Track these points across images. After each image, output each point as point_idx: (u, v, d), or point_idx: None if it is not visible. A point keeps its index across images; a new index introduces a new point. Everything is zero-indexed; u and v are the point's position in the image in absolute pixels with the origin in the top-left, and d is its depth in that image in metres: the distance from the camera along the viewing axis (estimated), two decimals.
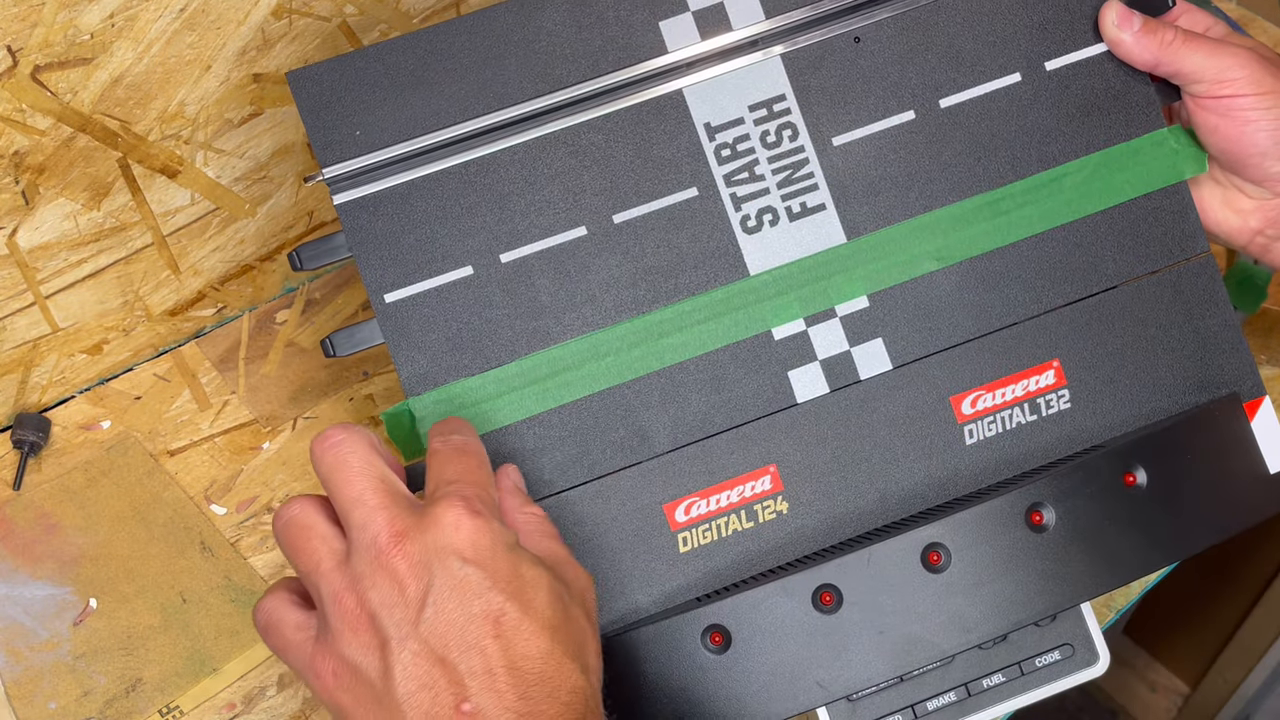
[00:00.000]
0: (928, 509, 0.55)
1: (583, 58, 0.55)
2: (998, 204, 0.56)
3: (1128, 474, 0.53)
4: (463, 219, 0.54)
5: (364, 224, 0.54)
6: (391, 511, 0.43)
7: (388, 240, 0.54)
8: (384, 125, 0.54)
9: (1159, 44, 0.55)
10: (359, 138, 0.54)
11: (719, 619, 0.51)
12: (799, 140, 0.55)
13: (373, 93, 0.54)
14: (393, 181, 0.54)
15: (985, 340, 0.56)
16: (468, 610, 0.41)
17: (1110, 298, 0.56)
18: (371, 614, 0.41)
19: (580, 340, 0.54)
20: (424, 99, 0.54)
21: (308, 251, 0.54)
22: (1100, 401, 0.56)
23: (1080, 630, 0.56)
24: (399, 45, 0.54)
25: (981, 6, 0.57)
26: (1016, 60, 0.57)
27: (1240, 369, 0.57)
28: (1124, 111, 0.57)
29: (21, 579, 0.62)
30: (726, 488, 0.54)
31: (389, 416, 0.53)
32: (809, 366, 0.55)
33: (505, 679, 0.41)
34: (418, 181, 0.54)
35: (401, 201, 0.54)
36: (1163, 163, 0.57)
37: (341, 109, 0.54)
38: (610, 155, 0.55)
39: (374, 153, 0.54)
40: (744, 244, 0.55)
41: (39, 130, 0.59)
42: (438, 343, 0.53)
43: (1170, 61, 0.55)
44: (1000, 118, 0.56)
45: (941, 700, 0.55)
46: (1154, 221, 0.57)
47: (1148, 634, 1.43)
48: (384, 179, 0.54)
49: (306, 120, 0.54)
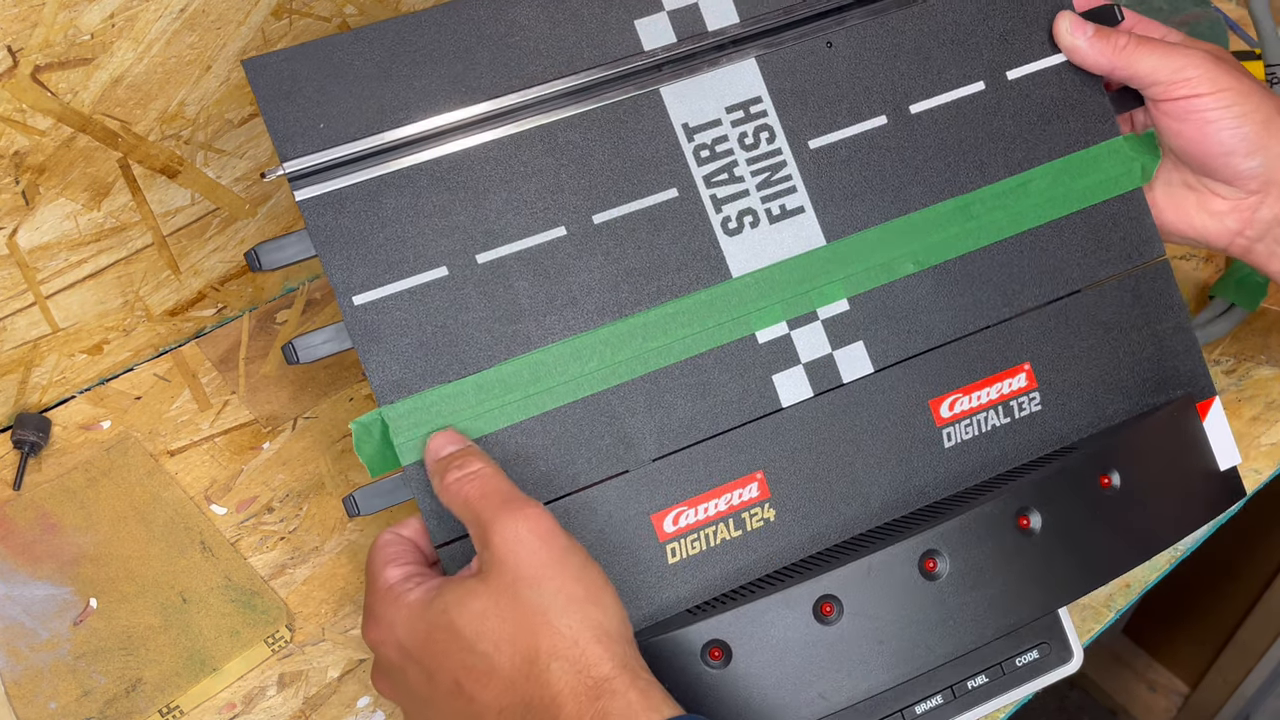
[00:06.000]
0: (911, 513, 0.54)
1: (557, 54, 0.53)
2: (968, 208, 0.56)
3: (1103, 476, 0.54)
4: (436, 217, 0.51)
5: (329, 222, 0.50)
6: None
7: (356, 239, 0.50)
8: (350, 118, 0.51)
9: (1113, 48, 0.56)
10: (323, 130, 0.50)
11: (719, 634, 0.49)
12: (776, 143, 0.55)
13: (338, 84, 0.51)
14: (360, 177, 0.51)
15: (961, 343, 0.56)
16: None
17: (1075, 301, 0.57)
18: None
19: (562, 344, 0.52)
20: (392, 91, 0.51)
21: (268, 250, 0.50)
22: (1068, 403, 0.57)
23: (1055, 629, 0.57)
24: (366, 35, 0.51)
25: (946, 16, 0.57)
26: (980, 69, 0.58)
27: (1193, 370, 0.59)
28: (1081, 120, 0.58)
29: (21, 579, 0.61)
30: (714, 495, 0.52)
31: (358, 426, 0.50)
32: (793, 370, 0.54)
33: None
34: (387, 177, 0.51)
35: (370, 198, 0.51)
36: (1119, 169, 0.58)
37: (304, 100, 0.50)
38: (589, 154, 0.53)
39: (339, 146, 0.50)
40: (725, 246, 0.54)
41: (39, 130, 0.58)
42: (411, 348, 0.50)
43: (1125, 65, 0.56)
44: (967, 124, 0.57)
45: (929, 704, 0.54)
46: (1113, 227, 0.58)
47: (1148, 634, 1.44)
48: (350, 174, 0.50)
49: (265, 111, 0.50)
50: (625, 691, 0.42)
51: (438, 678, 0.45)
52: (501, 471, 0.47)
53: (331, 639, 0.61)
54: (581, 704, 0.42)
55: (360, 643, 0.60)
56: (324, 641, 0.61)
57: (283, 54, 0.50)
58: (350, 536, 0.65)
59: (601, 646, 0.43)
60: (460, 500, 0.47)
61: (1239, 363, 0.73)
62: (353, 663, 0.60)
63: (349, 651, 0.60)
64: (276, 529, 0.65)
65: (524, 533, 0.44)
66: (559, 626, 0.43)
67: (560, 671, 0.42)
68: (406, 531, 0.50)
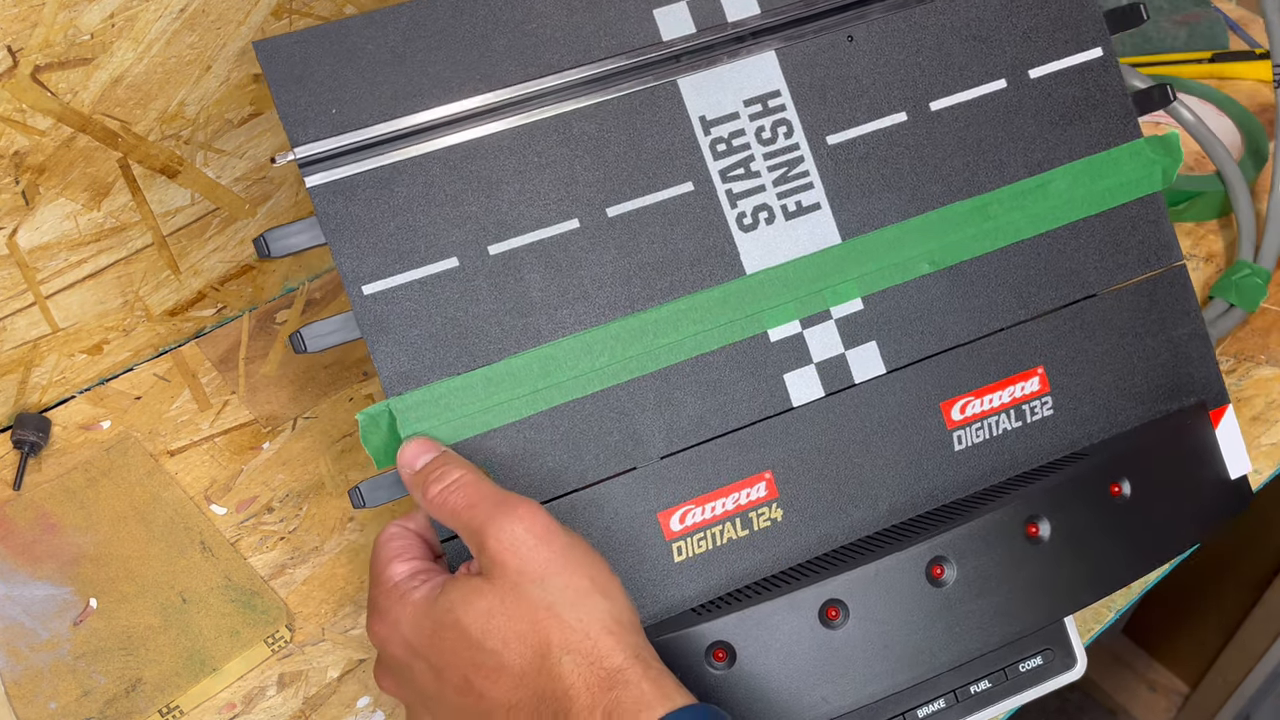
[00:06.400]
0: (918, 517, 0.54)
1: (574, 42, 0.52)
2: (986, 208, 0.56)
3: (1113, 484, 0.54)
4: (448, 207, 0.50)
5: (339, 209, 0.49)
6: None
7: (366, 227, 0.50)
8: (362, 104, 0.50)
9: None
10: (334, 116, 0.50)
11: (723, 636, 0.48)
12: (794, 138, 0.54)
13: (351, 69, 0.50)
14: (371, 164, 0.50)
15: (974, 345, 0.55)
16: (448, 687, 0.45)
17: (1091, 305, 0.57)
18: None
19: (572, 339, 0.51)
20: (406, 77, 0.50)
21: (276, 237, 0.49)
22: (1081, 408, 0.56)
23: (1059, 634, 0.56)
24: (380, 19, 0.50)
25: (969, 12, 0.56)
26: (1002, 67, 0.57)
27: (1208, 377, 0.58)
28: (1103, 120, 0.58)
29: (21, 579, 0.61)
30: (722, 495, 0.52)
31: (365, 418, 0.49)
32: (805, 369, 0.53)
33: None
34: (399, 165, 0.50)
35: (381, 186, 0.50)
36: (1140, 172, 0.58)
37: (316, 84, 0.49)
38: (603, 145, 0.52)
39: (351, 132, 0.50)
40: (740, 242, 0.53)
41: (39, 130, 0.58)
42: (420, 339, 0.50)
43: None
44: (988, 123, 0.56)
45: (932, 707, 0.54)
46: (1132, 230, 0.58)
47: (1148, 634, 1.44)
48: (362, 161, 0.50)
49: (277, 94, 0.49)
50: (638, 682, 0.42)
51: (445, 675, 0.44)
52: (483, 474, 0.47)
53: (331, 639, 0.60)
54: (595, 695, 0.42)
55: (360, 643, 0.60)
56: (324, 641, 0.60)
57: (295, 36, 0.49)
58: (350, 536, 0.64)
59: (612, 637, 0.43)
60: (447, 512, 0.46)
61: (1239, 363, 0.72)
62: (353, 663, 0.60)
63: (349, 651, 0.60)
64: (276, 529, 0.64)
65: (520, 533, 0.44)
66: (568, 620, 0.43)
67: (572, 664, 0.42)
68: (412, 524, 0.50)
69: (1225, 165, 0.77)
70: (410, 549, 0.48)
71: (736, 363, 0.53)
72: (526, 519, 0.44)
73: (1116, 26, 0.59)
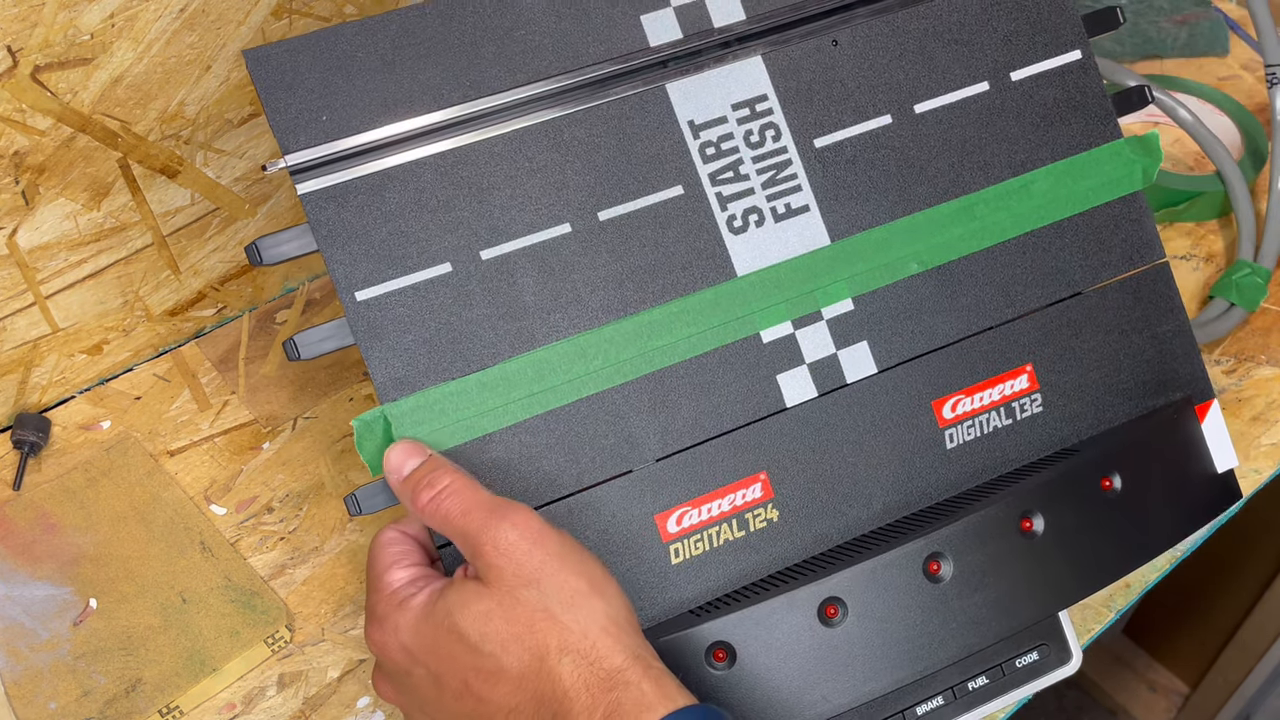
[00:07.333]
0: (912, 515, 0.54)
1: (563, 48, 0.52)
2: (972, 209, 0.56)
3: (1105, 479, 0.54)
4: (440, 213, 0.50)
5: (331, 215, 0.49)
6: None
7: (358, 234, 0.50)
8: (353, 110, 0.50)
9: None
10: (325, 123, 0.50)
11: (724, 636, 0.48)
12: (782, 141, 0.54)
13: (341, 76, 0.50)
14: (363, 170, 0.50)
15: (963, 344, 0.56)
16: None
17: (1077, 303, 0.57)
18: None
19: (566, 342, 0.51)
20: (396, 84, 0.50)
21: (269, 244, 0.49)
22: (1069, 405, 0.57)
23: (1054, 630, 0.57)
24: (370, 26, 0.51)
25: (951, 16, 0.57)
26: (984, 69, 0.57)
27: (1193, 372, 0.59)
28: (1084, 121, 0.58)
29: (21, 579, 0.61)
30: (718, 496, 0.52)
31: (360, 424, 0.49)
32: (797, 370, 0.54)
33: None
34: (391, 171, 0.50)
35: (373, 192, 0.50)
36: (1120, 172, 0.58)
37: (306, 91, 0.50)
38: (594, 150, 0.52)
39: (342, 139, 0.50)
40: (731, 244, 0.53)
41: (39, 130, 0.58)
42: (414, 345, 0.50)
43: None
44: (971, 124, 0.57)
45: (930, 705, 0.54)
46: (1114, 229, 0.58)
47: (1148, 634, 1.44)
48: (353, 168, 0.50)
49: (266, 102, 0.49)
50: (638, 682, 0.42)
51: (445, 680, 0.44)
52: (473, 480, 0.47)
53: (331, 639, 0.60)
54: (594, 696, 0.41)
55: (360, 643, 0.60)
56: (324, 642, 0.60)
57: (284, 45, 0.50)
58: (350, 537, 0.64)
59: (611, 638, 0.43)
60: (439, 519, 0.46)
61: (1239, 363, 0.73)
62: (352, 663, 0.59)
63: (349, 652, 0.60)
64: (276, 529, 0.64)
65: (514, 538, 0.44)
66: (566, 622, 0.43)
67: (571, 666, 0.42)
68: (408, 529, 0.49)
69: (1225, 165, 0.78)
70: (407, 554, 0.48)
71: (729, 364, 0.53)
72: (520, 523, 0.44)
73: (1094, 29, 0.60)
